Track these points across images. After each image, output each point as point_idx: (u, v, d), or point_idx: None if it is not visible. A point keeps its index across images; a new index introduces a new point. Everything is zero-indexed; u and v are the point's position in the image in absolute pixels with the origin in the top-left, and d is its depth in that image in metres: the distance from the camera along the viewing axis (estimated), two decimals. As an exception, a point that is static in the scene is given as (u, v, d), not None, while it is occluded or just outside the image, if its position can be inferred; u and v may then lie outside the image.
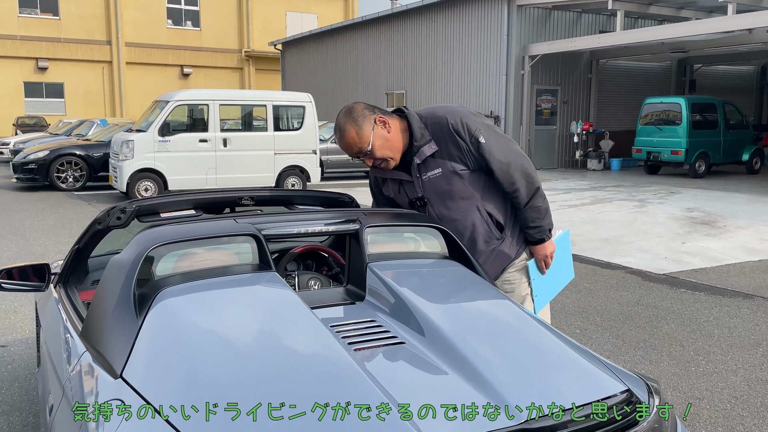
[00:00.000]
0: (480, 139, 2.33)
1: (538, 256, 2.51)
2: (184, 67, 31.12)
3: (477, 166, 2.38)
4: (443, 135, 2.36)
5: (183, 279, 1.93)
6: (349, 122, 2.36)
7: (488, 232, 2.45)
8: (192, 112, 11.61)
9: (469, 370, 1.63)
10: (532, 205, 2.41)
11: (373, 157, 2.38)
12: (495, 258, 2.48)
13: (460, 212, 2.43)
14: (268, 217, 2.23)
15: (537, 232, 2.45)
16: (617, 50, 15.83)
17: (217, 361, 1.56)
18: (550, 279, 2.59)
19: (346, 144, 2.38)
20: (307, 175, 12.29)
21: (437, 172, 2.39)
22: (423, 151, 2.37)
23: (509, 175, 2.37)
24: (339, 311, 2.06)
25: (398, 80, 19.77)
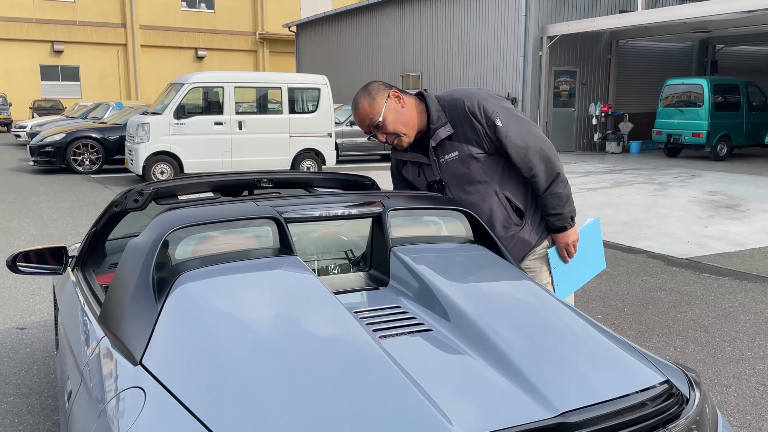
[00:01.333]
0: (497, 122, 2.28)
1: (560, 245, 2.44)
2: (198, 50, 31.06)
3: (494, 150, 2.33)
4: (460, 118, 2.32)
5: (203, 263, 1.88)
6: (363, 95, 2.35)
7: (507, 218, 2.40)
8: (207, 95, 11.56)
9: (500, 359, 1.57)
10: (552, 191, 2.35)
11: (386, 131, 2.34)
12: (515, 244, 2.43)
13: (477, 195, 2.38)
14: (288, 200, 2.17)
15: (558, 219, 2.39)
16: (638, 30, 15.52)
17: (239, 348, 1.51)
18: (575, 268, 2.51)
19: (359, 116, 2.36)
20: (323, 158, 12.24)
21: (454, 156, 2.35)
22: (438, 133, 2.34)
23: (527, 160, 2.31)
24: (362, 297, 2.00)
25: (414, 62, 19.57)
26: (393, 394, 1.37)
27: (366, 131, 2.39)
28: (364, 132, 2.42)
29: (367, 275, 2.19)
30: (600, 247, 2.60)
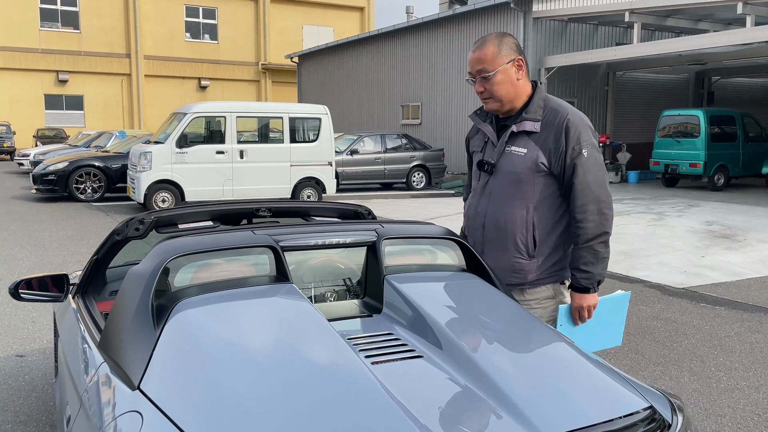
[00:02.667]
0: (583, 151, 2.22)
1: (575, 305, 2.29)
2: (201, 80, 31.45)
3: (557, 173, 2.25)
4: (552, 125, 2.25)
5: (201, 290, 1.93)
6: (495, 41, 2.28)
7: (521, 240, 2.32)
8: (209, 124, 11.71)
9: (489, 385, 1.61)
10: (592, 246, 2.23)
11: (486, 86, 2.28)
12: (508, 267, 2.36)
13: (510, 200, 2.31)
14: (285, 229, 2.23)
15: (585, 277, 2.25)
16: (634, 62, 15.75)
17: (236, 374, 1.55)
18: (584, 333, 2.35)
19: (476, 56, 2.28)
20: (323, 187, 12.33)
21: (521, 151, 2.28)
22: (525, 124, 2.27)
23: (585, 203, 2.22)
24: (356, 324, 2.04)
25: (414, 92, 19.81)
26: (385, 421, 1.41)
27: (470, 72, 2.32)
28: (469, 71, 2.34)
29: (361, 303, 2.24)
30: (621, 322, 2.43)
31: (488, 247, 2.40)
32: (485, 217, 2.38)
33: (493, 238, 2.37)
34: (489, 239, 2.39)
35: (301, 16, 33.57)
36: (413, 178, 16.19)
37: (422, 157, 16.32)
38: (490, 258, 2.39)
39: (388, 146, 16.20)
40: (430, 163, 16.39)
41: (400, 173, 16.08)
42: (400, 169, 16.07)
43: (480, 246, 2.43)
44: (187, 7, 31.05)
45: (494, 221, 2.34)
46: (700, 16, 15.20)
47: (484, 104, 2.36)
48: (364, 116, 22.25)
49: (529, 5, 15.52)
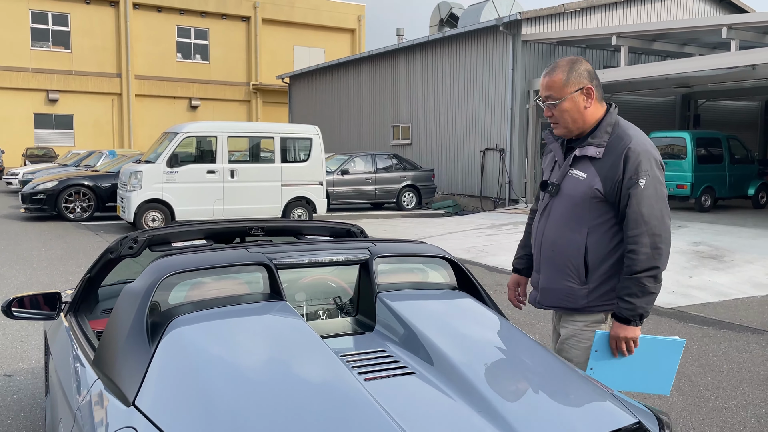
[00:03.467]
0: (639, 182, 2.18)
1: (612, 333, 2.23)
2: (192, 100, 31.53)
3: (613, 200, 2.23)
4: (614, 151, 2.23)
5: (195, 308, 1.95)
6: (565, 67, 2.29)
7: (572, 263, 2.29)
8: (200, 144, 11.74)
9: (481, 402, 1.64)
10: (640, 279, 2.16)
11: (553, 112, 2.30)
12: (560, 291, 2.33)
13: (566, 221, 2.31)
14: (278, 247, 2.25)
15: (627, 308, 2.18)
16: (621, 85, 15.98)
17: (230, 390, 1.57)
18: (623, 368, 2.26)
19: (545, 82, 2.31)
20: (314, 207, 12.37)
21: (581, 175, 2.28)
22: (588, 149, 2.27)
23: (638, 234, 2.17)
24: (349, 341, 2.07)
25: (404, 113, 19.97)
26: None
27: (541, 95, 2.34)
28: (540, 96, 2.35)
29: (354, 320, 2.26)
30: (672, 370, 2.29)
31: (544, 267, 2.39)
32: (542, 237, 2.39)
33: (549, 259, 2.36)
34: (545, 259, 2.38)
35: (293, 37, 33.84)
36: (403, 198, 16.26)
37: (412, 177, 16.41)
38: (545, 277, 2.39)
39: (379, 166, 16.28)
40: (421, 183, 16.48)
41: (390, 193, 16.15)
42: (390, 189, 16.14)
43: (537, 265, 2.44)
44: (179, 27, 31.23)
45: (550, 242, 2.34)
46: (686, 40, 15.48)
47: (553, 128, 2.38)
48: (355, 136, 22.38)
49: (518, 29, 15.76)
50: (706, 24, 13.57)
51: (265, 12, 32.61)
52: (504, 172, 16.26)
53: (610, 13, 17.32)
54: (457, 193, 17.83)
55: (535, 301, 2.46)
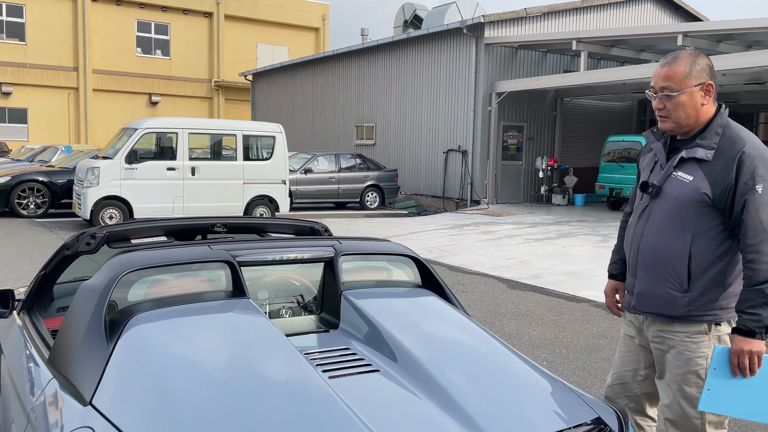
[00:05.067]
0: (756, 187, 2.05)
1: (735, 348, 2.05)
2: (152, 95, 30.93)
3: (721, 206, 2.11)
4: (726, 155, 2.11)
5: (155, 305, 1.91)
6: (688, 59, 2.17)
7: (674, 269, 2.18)
8: (160, 140, 11.53)
9: (444, 398, 1.65)
10: (763, 290, 2.02)
11: (665, 104, 2.18)
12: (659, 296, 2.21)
13: (669, 226, 2.19)
14: (242, 244, 2.23)
15: (751, 319, 2.03)
16: (581, 89, 16.30)
17: (191, 389, 1.55)
18: (744, 391, 2.06)
19: (664, 72, 2.17)
20: (276, 205, 12.27)
21: (687, 178, 2.16)
22: (696, 150, 2.15)
23: (758, 242, 2.04)
24: (313, 339, 2.06)
25: (368, 113, 19.98)
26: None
27: (653, 86, 2.22)
28: (652, 85, 2.22)
29: (318, 318, 2.25)
30: None
31: (641, 272, 2.28)
32: (641, 240, 2.27)
33: (647, 264, 2.24)
34: (643, 264, 2.27)
35: (256, 34, 33.49)
36: (367, 198, 16.27)
37: (376, 177, 16.43)
38: (642, 282, 2.28)
39: (343, 166, 16.25)
40: (384, 183, 16.51)
41: (353, 193, 16.14)
42: (353, 189, 16.12)
43: (633, 269, 2.32)
44: (139, 22, 30.60)
45: (650, 246, 2.23)
46: (643, 46, 15.88)
47: (660, 122, 2.24)
48: (319, 135, 22.29)
49: (481, 32, 15.92)
50: (662, 31, 13.94)
51: (228, 8, 32.19)
52: (466, 173, 16.41)
53: (571, 19, 17.65)
54: (420, 194, 17.92)
55: (630, 306, 2.35)
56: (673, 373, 2.21)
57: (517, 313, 6.17)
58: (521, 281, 7.66)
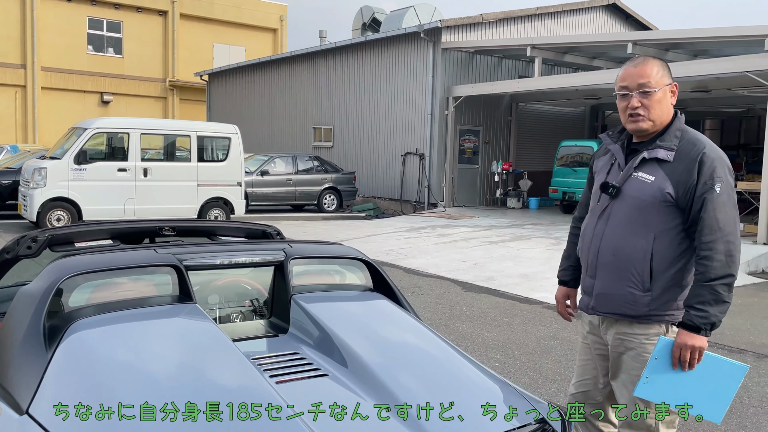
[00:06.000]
0: (715, 187, 2.12)
1: (679, 341, 2.10)
2: (104, 94, 30.16)
3: (683, 205, 2.17)
4: (686, 157, 2.18)
5: (98, 311, 1.86)
6: (656, 61, 2.26)
7: (636, 269, 2.21)
8: (111, 140, 11.25)
9: (393, 401, 1.65)
10: (714, 286, 2.08)
11: (643, 102, 2.21)
12: (621, 297, 2.23)
13: (631, 225, 2.22)
14: (190, 248, 2.19)
15: (699, 315, 2.08)
16: (535, 95, 16.59)
17: (134, 397, 1.51)
18: (678, 383, 2.13)
19: (639, 70, 2.23)
20: (231, 208, 12.11)
21: (649, 178, 2.21)
22: (658, 151, 2.21)
23: (713, 240, 2.10)
24: (262, 344, 2.04)
25: (326, 115, 19.91)
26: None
27: (626, 86, 2.25)
28: (621, 86, 2.26)
29: (267, 323, 2.23)
30: (729, 396, 2.13)
31: (601, 272, 2.29)
32: (601, 241, 2.28)
33: (608, 264, 2.26)
34: (603, 264, 2.27)
35: (212, 34, 33.01)
36: (324, 201, 16.20)
37: (334, 179, 16.38)
38: (602, 282, 2.28)
39: (300, 168, 16.15)
40: (342, 185, 16.48)
41: (311, 195, 16.05)
42: (311, 191, 16.04)
43: (592, 270, 2.32)
44: (90, 19, 29.82)
45: (611, 246, 2.25)
46: (595, 54, 16.26)
47: (632, 122, 2.25)
48: (276, 137, 22.10)
49: (438, 36, 16.06)
50: (613, 39, 14.31)
51: (183, 7, 31.65)
52: (423, 177, 16.51)
53: (526, 25, 17.96)
54: (378, 197, 17.95)
55: (588, 307, 2.35)
56: (630, 374, 2.24)
57: (471, 315, 6.24)
58: (476, 284, 7.74)
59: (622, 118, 2.29)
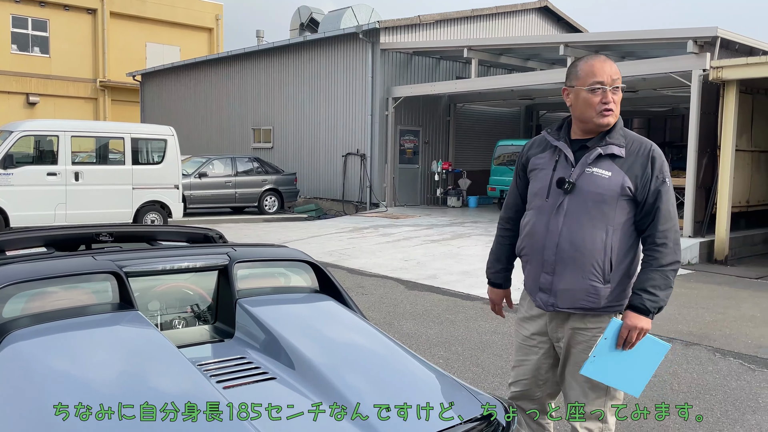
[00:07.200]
0: (666, 180, 2.29)
1: (629, 322, 2.20)
2: (30, 96, 28.86)
3: (641, 198, 2.28)
4: (638, 154, 2.30)
5: (34, 321, 1.80)
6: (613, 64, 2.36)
7: (598, 262, 2.26)
8: (39, 144, 10.81)
9: (341, 401, 1.67)
10: (666, 271, 2.23)
11: (614, 98, 2.31)
12: (582, 290, 2.28)
13: (591, 221, 2.27)
14: (129, 254, 2.14)
15: (650, 299, 2.19)
16: (472, 95, 16.90)
17: (76, 410, 1.47)
18: (618, 362, 2.22)
19: (612, 66, 2.32)
20: (169, 211, 11.82)
21: (606, 174, 2.28)
22: (612, 147, 2.30)
23: (667, 228, 2.24)
24: (207, 350, 2.02)
25: (266, 116, 19.69)
26: None
27: (601, 81, 2.29)
28: (597, 81, 2.30)
29: (212, 328, 2.21)
30: (650, 373, 2.28)
31: (561, 267, 2.31)
32: (560, 236, 2.30)
33: (568, 259, 2.28)
34: (563, 259, 2.30)
35: (145, 33, 32.08)
36: (265, 202, 16.02)
37: (274, 180, 16.22)
38: (563, 278, 2.30)
39: (239, 169, 15.91)
40: (283, 186, 16.33)
41: (251, 197, 15.84)
42: (251, 193, 15.83)
43: (551, 265, 2.33)
44: (14, 17, 28.48)
45: (571, 241, 2.28)
46: (529, 55, 16.70)
47: (603, 117, 2.31)
48: (214, 139, 21.69)
49: (377, 37, 16.14)
50: (545, 41, 14.73)
51: (113, 5, 30.63)
52: (365, 177, 16.55)
53: (462, 27, 18.26)
54: (320, 197, 17.88)
55: (547, 304, 2.36)
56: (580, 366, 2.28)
57: (415, 313, 6.31)
58: (419, 282, 7.83)
59: (588, 113, 2.31)
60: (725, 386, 4.42)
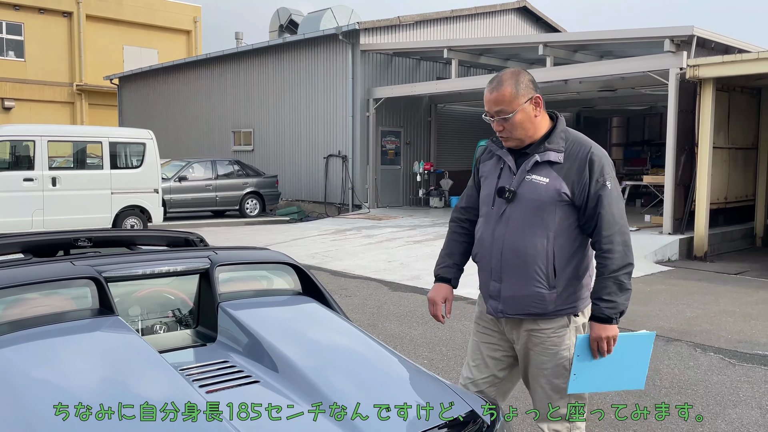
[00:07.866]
0: (606, 183, 2.25)
1: (594, 335, 2.22)
2: (5, 100, 28.44)
3: (580, 203, 2.27)
4: (576, 157, 2.28)
5: (12, 328, 1.77)
6: (511, 80, 2.27)
7: (540, 268, 2.27)
8: (15, 149, 10.65)
9: (325, 402, 1.65)
10: (618, 277, 2.22)
11: (505, 126, 2.28)
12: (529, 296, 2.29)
13: (531, 228, 2.28)
14: (109, 259, 2.11)
15: (608, 307, 2.21)
16: (453, 96, 16.95)
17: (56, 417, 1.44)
18: (603, 369, 2.26)
19: (494, 97, 2.27)
20: (149, 216, 11.71)
21: (543, 180, 2.27)
22: (549, 154, 2.28)
23: (612, 233, 2.23)
24: (189, 354, 1.99)
25: (246, 118, 19.58)
26: None
27: (488, 111, 2.31)
28: (486, 110, 2.31)
29: (194, 332, 2.18)
30: (645, 363, 2.32)
31: (507, 275, 2.32)
32: (503, 244, 2.31)
33: (512, 266, 2.30)
34: (507, 267, 2.31)
35: (122, 36, 31.76)
36: (246, 205, 15.93)
37: (255, 183, 16.13)
38: (509, 285, 2.32)
39: (220, 173, 15.80)
40: (264, 189, 16.25)
41: (232, 200, 15.74)
42: (232, 196, 15.73)
43: (497, 273, 2.35)
44: (-13, 19, 28.06)
45: (513, 248, 2.29)
46: (508, 55, 16.80)
47: (503, 142, 2.35)
48: (193, 142, 21.52)
49: (357, 38, 16.13)
50: (525, 41, 14.82)
51: (89, 8, 30.28)
52: (347, 179, 16.53)
53: (442, 27, 18.32)
54: (302, 200, 17.82)
55: (497, 311, 2.38)
56: (541, 368, 2.33)
57: (399, 314, 6.30)
58: (402, 283, 7.83)
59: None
60: (707, 381, 4.47)
